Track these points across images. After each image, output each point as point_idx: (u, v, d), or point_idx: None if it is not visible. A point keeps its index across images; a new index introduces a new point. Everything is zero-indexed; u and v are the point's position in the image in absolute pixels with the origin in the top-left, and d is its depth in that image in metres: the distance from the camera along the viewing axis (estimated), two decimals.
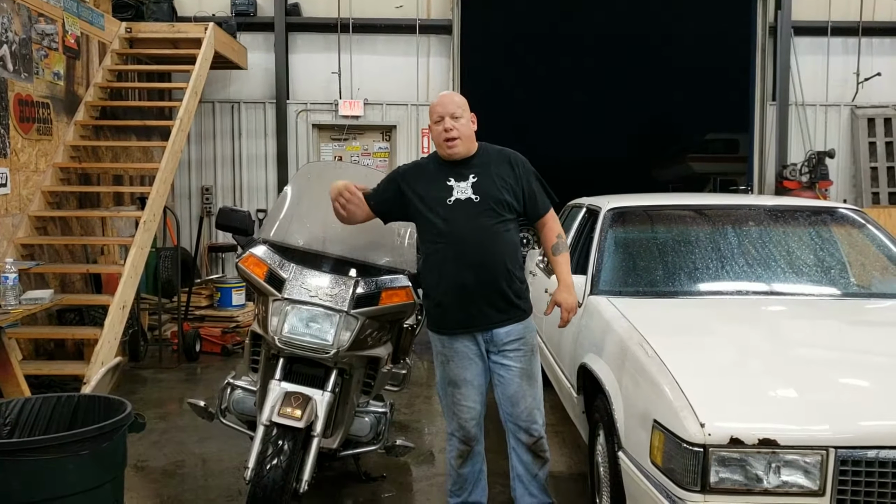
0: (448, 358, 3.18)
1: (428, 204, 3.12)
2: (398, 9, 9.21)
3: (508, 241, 3.11)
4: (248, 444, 3.26)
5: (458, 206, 3.07)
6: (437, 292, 3.13)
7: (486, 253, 3.03)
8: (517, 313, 3.14)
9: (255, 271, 3.33)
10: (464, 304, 3.09)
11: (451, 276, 3.07)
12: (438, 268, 3.11)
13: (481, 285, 3.06)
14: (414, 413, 5.10)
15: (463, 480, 3.28)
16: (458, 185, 3.09)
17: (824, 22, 9.17)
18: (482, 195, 3.07)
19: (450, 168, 3.15)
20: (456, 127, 3.08)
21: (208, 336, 6.85)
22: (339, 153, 9.43)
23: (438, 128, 3.10)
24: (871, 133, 9.24)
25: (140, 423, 2.91)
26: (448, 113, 3.09)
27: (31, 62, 5.92)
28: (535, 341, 3.23)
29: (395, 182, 3.24)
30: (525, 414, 3.16)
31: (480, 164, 3.14)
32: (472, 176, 3.10)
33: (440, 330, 3.19)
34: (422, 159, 3.34)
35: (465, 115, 3.13)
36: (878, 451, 2.20)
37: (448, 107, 3.11)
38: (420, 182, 3.18)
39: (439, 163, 3.19)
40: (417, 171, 3.25)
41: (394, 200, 3.21)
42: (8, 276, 4.28)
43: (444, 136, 3.08)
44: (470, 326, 3.12)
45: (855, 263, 3.89)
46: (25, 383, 4.38)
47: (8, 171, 5.65)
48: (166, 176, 6.40)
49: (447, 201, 3.08)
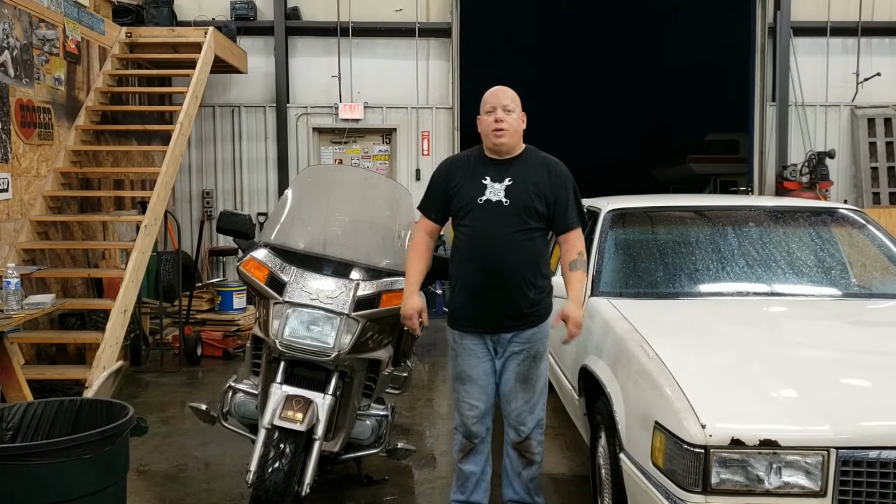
0: (457, 353, 3.23)
1: (460, 201, 3.15)
2: (397, 12, 9.23)
3: (530, 248, 3.10)
4: (250, 448, 3.27)
5: (487, 207, 3.08)
6: (456, 287, 3.20)
7: (503, 258, 3.04)
8: (527, 321, 3.14)
9: (257, 275, 3.34)
10: (476, 304, 3.13)
11: (468, 275, 3.13)
12: (458, 265, 3.17)
13: (494, 289, 3.08)
14: (415, 416, 5.10)
15: (465, 478, 3.29)
16: (492, 186, 3.11)
17: (823, 22, 9.18)
18: (512, 199, 3.08)
19: (490, 166, 3.16)
20: (506, 119, 3.09)
21: (209, 340, 6.85)
22: (339, 156, 9.45)
23: (489, 118, 3.11)
24: (872, 133, 9.25)
25: (142, 426, 2.92)
26: (501, 105, 3.11)
27: (32, 67, 5.93)
28: (542, 348, 3.21)
29: (441, 182, 3.25)
30: (514, 414, 3.21)
31: (520, 167, 3.15)
32: (508, 179, 3.11)
33: (453, 324, 3.24)
34: (467, 152, 3.32)
35: (517, 110, 3.15)
36: (880, 452, 2.20)
37: (501, 99, 3.13)
38: (457, 176, 3.20)
39: (482, 158, 3.21)
40: (459, 163, 3.26)
41: (445, 202, 3.23)
42: (10, 280, 4.28)
43: (494, 127, 3.09)
44: (479, 326, 3.15)
45: (855, 264, 3.89)
46: (28, 388, 4.38)
47: (9, 177, 5.66)
48: (167, 180, 6.41)
49: (478, 200, 3.11)
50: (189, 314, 7.04)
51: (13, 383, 4.31)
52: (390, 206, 3.76)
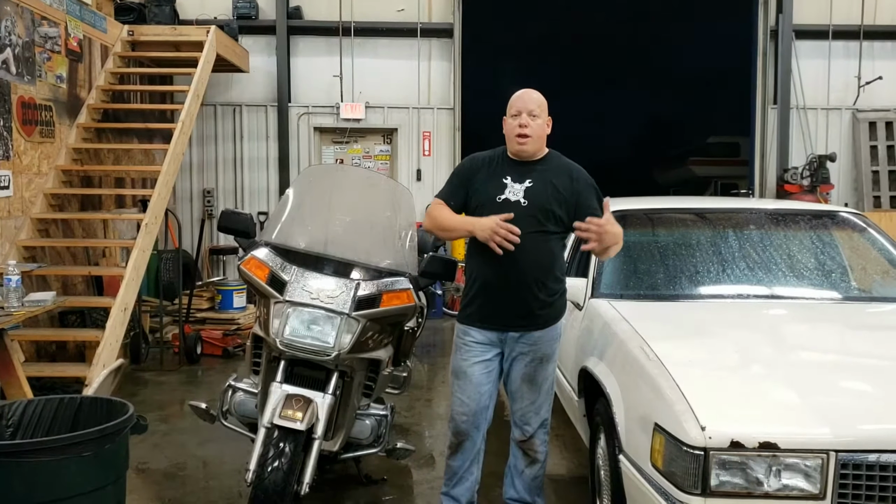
0: (458, 347, 3.24)
1: (480, 199, 3.15)
2: (399, 12, 9.23)
3: (544, 250, 3.09)
4: (250, 447, 3.27)
5: (504, 207, 3.07)
6: (468, 282, 3.22)
7: (517, 258, 3.02)
8: (536, 322, 3.14)
9: (257, 274, 3.34)
10: (486, 300, 3.14)
11: (480, 272, 3.14)
12: (473, 261, 3.19)
13: (506, 288, 3.09)
14: (414, 416, 5.10)
15: (452, 472, 3.30)
16: (512, 186, 3.11)
17: (825, 25, 9.18)
18: (531, 201, 3.07)
19: (512, 166, 3.16)
20: (530, 125, 3.08)
21: (209, 338, 6.85)
22: (340, 156, 9.45)
23: (514, 122, 3.11)
24: (873, 136, 9.25)
25: (142, 425, 2.91)
26: (527, 109, 3.10)
27: (33, 65, 5.93)
28: (550, 351, 3.18)
29: (463, 178, 3.24)
30: (519, 413, 3.23)
31: (542, 170, 3.14)
32: (529, 181, 3.11)
33: (461, 319, 3.26)
34: (491, 151, 3.30)
35: (543, 116, 3.14)
36: (879, 455, 2.20)
37: (528, 104, 3.12)
38: (480, 174, 3.19)
39: (505, 158, 3.21)
40: (483, 163, 3.24)
41: (464, 195, 3.21)
42: (11, 278, 4.28)
43: (518, 132, 3.09)
44: (487, 322, 3.16)
45: (856, 267, 3.90)
46: (28, 385, 4.38)
47: (10, 174, 5.66)
48: (168, 178, 6.41)
49: (497, 199, 3.10)
50: (189, 313, 7.04)
51: (13, 381, 4.31)
52: (391, 206, 3.76)
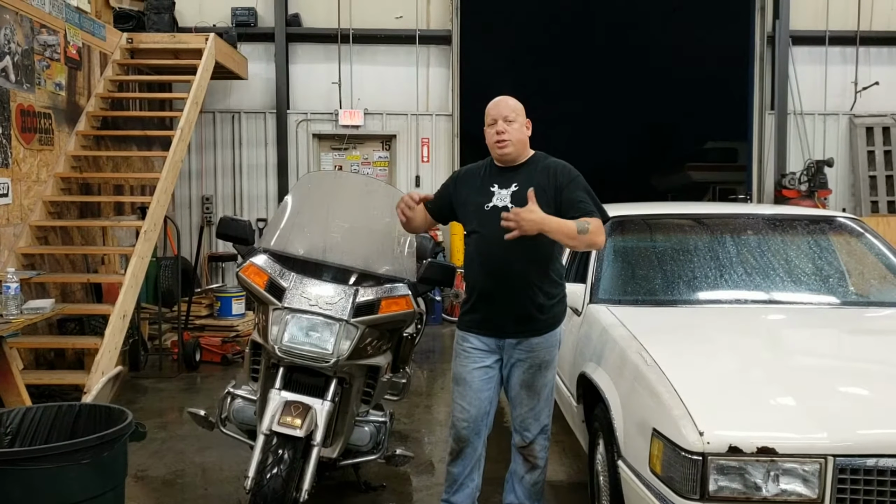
0: (457, 353, 3.25)
1: (468, 208, 3.19)
2: (398, 19, 9.26)
3: (537, 252, 3.09)
4: (248, 454, 3.26)
5: (493, 213, 3.07)
6: (468, 290, 3.25)
7: (510, 264, 3.04)
8: (534, 327, 3.13)
9: (256, 280, 3.34)
10: (484, 307, 3.15)
11: (476, 279, 3.17)
12: (470, 270, 3.21)
13: (502, 293, 3.10)
14: (414, 422, 5.09)
15: (452, 479, 3.30)
16: (499, 193, 3.13)
17: (822, 31, 9.22)
18: (518, 204, 3.05)
19: (498, 174, 3.19)
20: (508, 130, 3.11)
21: (208, 345, 6.84)
22: (339, 162, 9.47)
23: (491, 130, 3.15)
24: (870, 142, 9.28)
25: (141, 432, 2.91)
26: (502, 116, 3.13)
27: (33, 73, 5.95)
28: (549, 358, 3.17)
29: (448, 187, 3.33)
30: (519, 419, 3.23)
31: (527, 172, 3.16)
32: (515, 185, 3.13)
33: (461, 325, 3.27)
34: (481, 162, 3.33)
35: (519, 119, 3.16)
36: (877, 460, 2.21)
37: (503, 110, 3.14)
38: (467, 185, 3.24)
39: (492, 167, 3.24)
40: (470, 174, 3.30)
41: (445, 204, 3.30)
42: (10, 285, 4.28)
43: (496, 139, 3.13)
44: (485, 329, 3.17)
45: (853, 272, 3.90)
46: (26, 392, 4.38)
47: (9, 181, 5.67)
48: (167, 186, 6.42)
49: (485, 207, 3.13)
50: (188, 320, 7.04)
51: (12, 388, 4.31)
52: (390, 213, 3.75)
